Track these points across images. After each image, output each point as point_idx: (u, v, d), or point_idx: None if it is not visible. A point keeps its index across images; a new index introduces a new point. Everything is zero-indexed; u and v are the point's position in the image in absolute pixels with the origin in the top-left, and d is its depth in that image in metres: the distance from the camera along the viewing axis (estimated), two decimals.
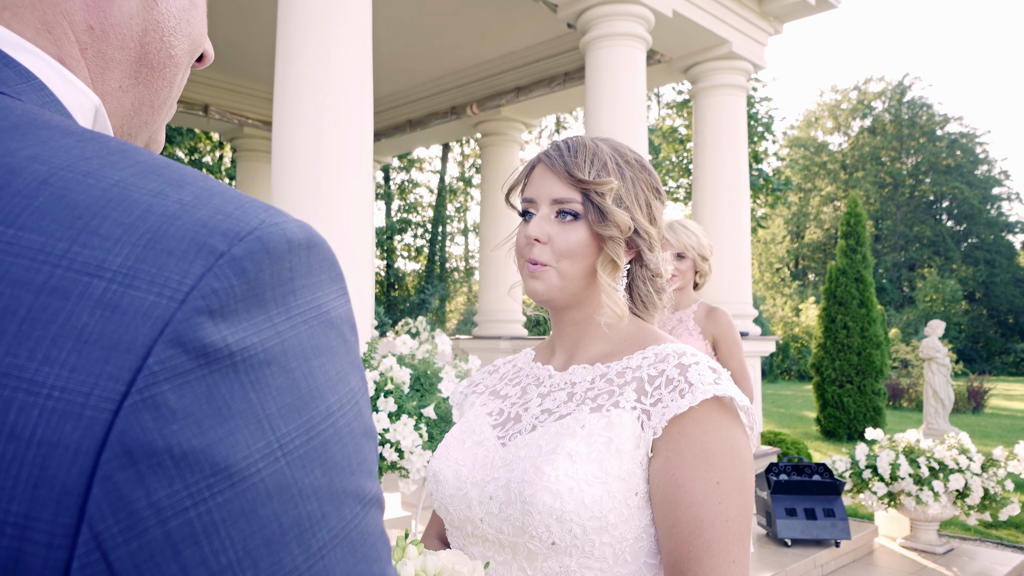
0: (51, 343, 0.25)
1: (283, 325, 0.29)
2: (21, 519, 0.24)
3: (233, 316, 0.27)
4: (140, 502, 0.25)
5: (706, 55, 6.05)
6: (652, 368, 0.94)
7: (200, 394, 0.26)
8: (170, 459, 0.25)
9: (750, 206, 20.83)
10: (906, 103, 41.53)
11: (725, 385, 0.89)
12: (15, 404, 0.25)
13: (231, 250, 0.28)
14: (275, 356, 0.28)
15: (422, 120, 8.17)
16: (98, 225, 0.27)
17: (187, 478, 0.26)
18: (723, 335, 2.77)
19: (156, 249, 0.27)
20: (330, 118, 3.63)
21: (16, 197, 0.27)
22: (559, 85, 6.76)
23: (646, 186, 1.01)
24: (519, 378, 1.11)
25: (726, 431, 0.89)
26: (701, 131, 6.30)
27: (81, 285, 0.26)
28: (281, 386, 0.28)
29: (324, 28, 3.65)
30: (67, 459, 0.25)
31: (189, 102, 7.61)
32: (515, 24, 6.32)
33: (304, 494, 0.28)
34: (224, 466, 0.26)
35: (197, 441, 0.26)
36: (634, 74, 5.12)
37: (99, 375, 0.25)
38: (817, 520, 4.64)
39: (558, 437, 0.92)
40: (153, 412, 0.25)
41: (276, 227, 0.29)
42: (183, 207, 0.29)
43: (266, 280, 0.29)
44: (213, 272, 0.27)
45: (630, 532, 0.89)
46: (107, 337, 0.26)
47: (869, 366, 11.46)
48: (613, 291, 0.98)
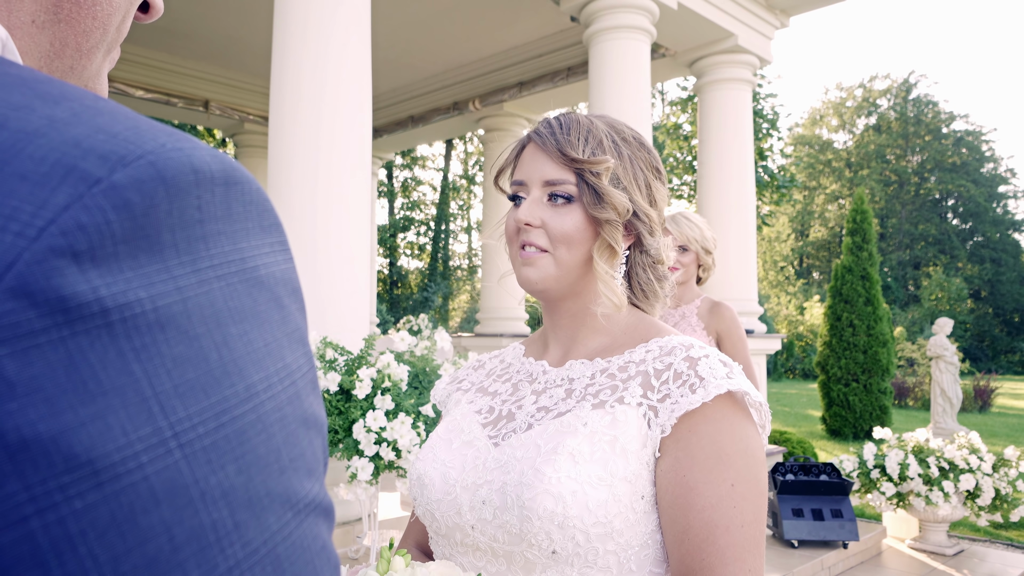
0: None
1: (187, 280, 0.22)
2: None
3: (110, 262, 0.21)
4: None
5: (711, 48, 5.97)
6: (658, 362, 0.87)
7: (55, 362, 0.20)
8: (3, 449, 0.19)
9: (755, 203, 20.79)
10: (911, 101, 41.33)
11: (738, 379, 0.83)
12: None
13: (111, 176, 0.22)
14: (172, 317, 0.22)
15: (424, 116, 8.10)
16: None
17: (29, 476, 0.19)
18: (727, 331, 2.69)
19: (3, 172, 0.21)
20: (328, 113, 3.57)
21: None
22: (562, 80, 6.68)
23: (645, 165, 0.94)
24: (509, 374, 1.03)
25: (739, 429, 0.82)
26: (706, 126, 6.21)
27: None
28: (180, 356, 0.22)
29: (322, 23, 3.58)
30: None
31: (189, 97, 7.54)
32: (517, 18, 6.25)
33: (209, 498, 0.22)
34: (86, 460, 0.20)
35: (45, 425, 0.19)
36: (638, 67, 5.04)
37: None
38: (824, 521, 4.56)
39: (558, 436, 0.85)
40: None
41: (179, 151, 0.23)
42: (51, 123, 0.22)
43: (162, 219, 0.22)
44: (83, 203, 0.21)
45: (636, 539, 0.82)
46: None
47: (875, 364, 11.36)
48: (611, 279, 0.91)
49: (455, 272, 27.92)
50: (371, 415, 2.99)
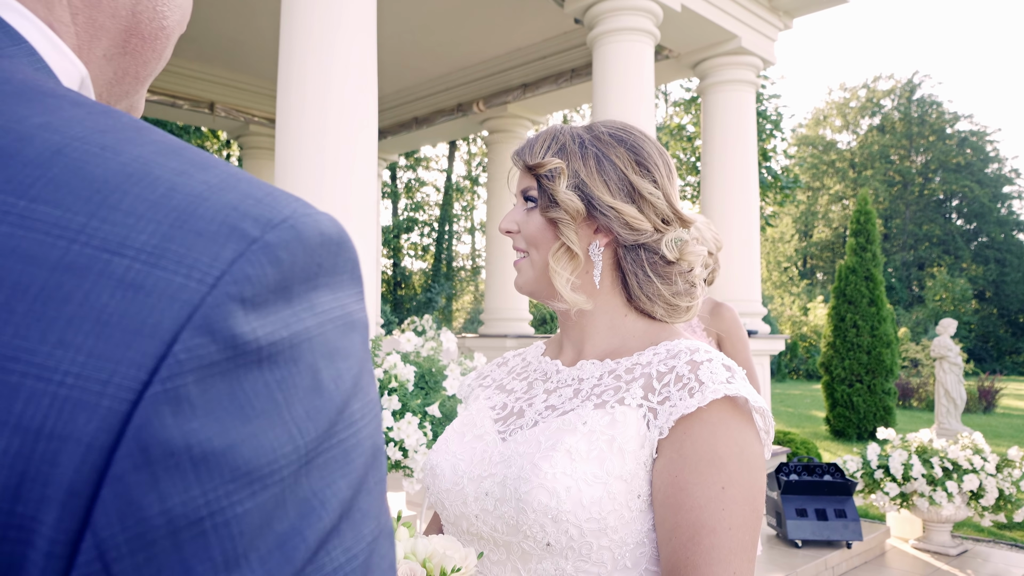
0: (66, 324, 0.23)
1: (311, 322, 0.27)
2: (27, 522, 0.22)
3: (264, 307, 0.25)
4: (152, 508, 0.22)
5: (715, 50, 5.98)
6: (662, 364, 0.89)
7: (224, 390, 0.24)
8: (188, 460, 0.23)
9: (759, 203, 20.76)
10: (915, 101, 41.23)
11: (738, 385, 0.84)
12: (23, 392, 0.22)
13: (264, 236, 0.26)
14: (302, 354, 0.26)
15: (428, 117, 8.12)
16: (119, 200, 0.25)
17: (205, 483, 0.23)
18: (728, 331, 2.69)
19: (184, 229, 0.25)
20: (334, 115, 3.59)
21: (28, 167, 0.24)
22: (566, 81, 6.70)
23: (621, 161, 0.93)
24: (527, 372, 1.06)
25: (736, 433, 0.83)
26: (710, 127, 6.23)
27: (101, 263, 0.23)
28: (308, 387, 0.26)
29: (328, 25, 3.61)
30: (79, 455, 0.22)
31: (195, 99, 7.58)
32: (522, 20, 6.27)
33: (327, 507, 0.26)
34: (246, 471, 0.24)
35: (219, 441, 0.23)
36: (642, 69, 5.06)
37: (119, 361, 0.23)
38: (828, 521, 4.58)
39: (558, 433, 0.87)
40: (175, 406, 0.23)
41: (309, 218, 0.27)
42: (210, 188, 0.26)
43: (297, 273, 0.26)
44: (246, 257, 0.25)
45: (631, 536, 0.84)
46: (129, 319, 0.23)
47: (879, 365, 11.35)
48: (563, 280, 0.93)
49: (459, 273, 27.94)
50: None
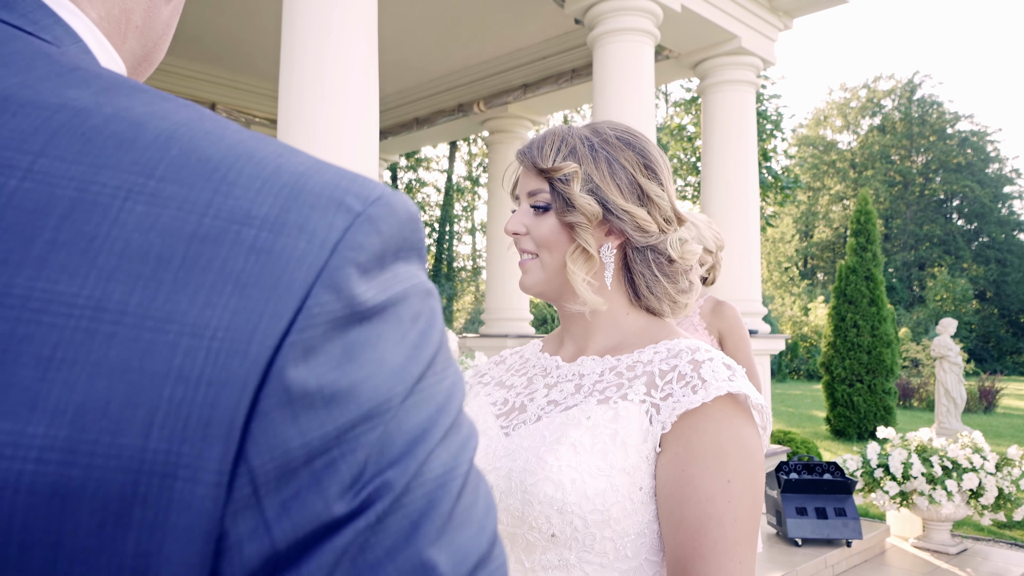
0: (210, 288, 0.25)
1: (399, 288, 0.30)
2: (194, 460, 0.24)
3: (369, 272, 0.29)
4: (293, 440, 0.25)
5: (715, 50, 6.00)
6: (664, 363, 0.91)
7: (344, 341, 0.27)
8: (320, 399, 0.26)
9: (759, 204, 20.73)
10: (916, 101, 41.23)
11: (740, 382, 0.87)
12: (180, 348, 0.25)
13: (367, 210, 0.29)
14: (398, 314, 0.30)
15: (429, 118, 8.14)
16: (236, 177, 0.28)
17: (336, 418, 0.26)
18: (729, 330, 2.71)
19: (298, 201, 0.28)
20: (336, 116, 3.61)
21: (149, 150, 0.27)
22: (567, 82, 6.72)
23: (630, 164, 0.96)
24: (526, 368, 1.08)
25: (739, 429, 0.86)
26: (710, 127, 6.25)
27: (231, 233, 0.26)
28: (404, 340, 0.29)
29: (329, 26, 3.62)
30: (235, 396, 0.25)
31: (196, 100, 7.60)
32: (522, 20, 6.29)
33: (428, 436, 0.29)
34: (363, 408, 0.27)
35: (343, 383, 0.27)
36: (642, 69, 5.08)
37: (261, 315, 0.26)
38: (828, 519, 4.59)
39: (563, 428, 0.89)
40: (308, 353, 0.26)
41: (397, 197, 0.31)
42: (309, 168, 0.29)
43: (391, 243, 0.30)
44: (356, 227, 0.28)
45: (632, 527, 0.86)
46: (265, 280, 0.26)
47: (879, 365, 11.36)
48: (583, 283, 0.95)
49: (459, 273, 27.95)
50: None
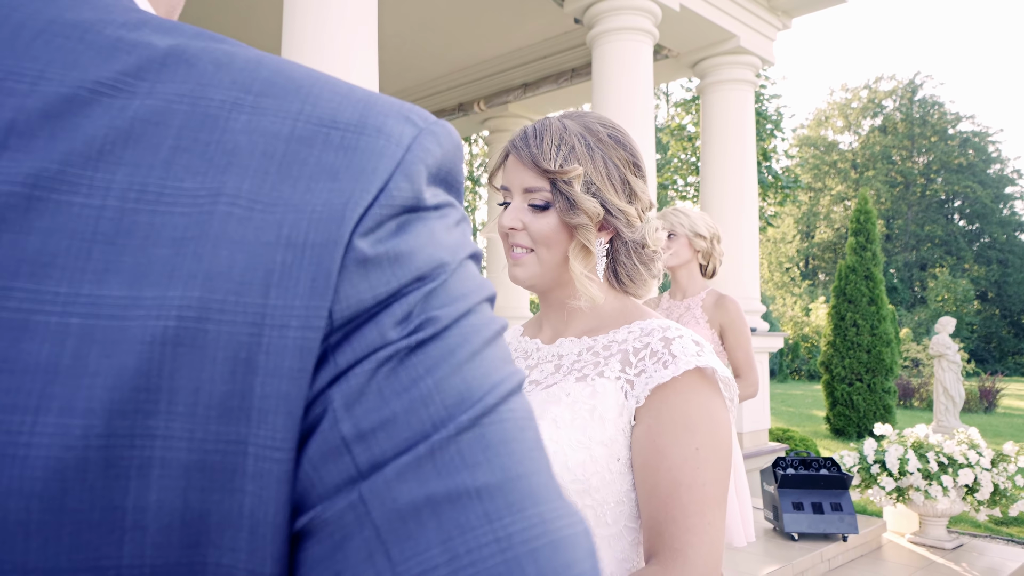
0: (309, 178, 0.30)
1: (447, 199, 0.35)
2: (302, 313, 0.29)
3: (432, 176, 0.33)
4: (366, 293, 0.30)
5: (714, 50, 6.04)
6: (637, 341, 0.96)
7: (408, 221, 0.32)
8: (387, 260, 0.31)
9: (759, 203, 20.71)
10: (917, 102, 41.22)
11: (707, 357, 0.92)
12: (287, 222, 0.29)
13: (428, 127, 0.34)
14: (445, 216, 0.34)
15: None
16: (320, 92, 0.32)
17: (399, 276, 0.31)
18: (731, 323, 2.75)
19: (374, 111, 0.33)
20: None
21: (244, 72, 0.32)
22: (567, 81, 6.76)
23: (622, 163, 1.00)
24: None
25: (707, 401, 0.91)
26: (708, 126, 6.28)
27: (322, 134, 0.31)
28: (446, 230, 0.34)
29: (329, 26, 3.67)
30: (331, 255, 0.29)
31: None
32: (522, 20, 6.33)
33: (469, 296, 0.33)
34: (420, 270, 0.31)
35: (404, 248, 0.31)
36: (641, 69, 5.12)
37: (352, 191, 0.30)
38: (824, 514, 4.63)
39: (544, 405, 0.95)
40: (380, 226, 0.31)
41: (449, 125, 0.36)
42: (373, 94, 0.34)
43: (447, 162, 0.35)
44: (423, 135, 0.33)
45: (611, 496, 0.92)
46: (354, 169, 0.31)
47: (879, 364, 11.39)
48: (585, 279, 0.99)
49: None
50: None
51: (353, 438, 0.29)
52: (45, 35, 0.30)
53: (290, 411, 0.28)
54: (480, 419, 0.30)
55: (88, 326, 0.26)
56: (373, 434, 0.29)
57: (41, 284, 0.26)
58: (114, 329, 0.26)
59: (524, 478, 0.30)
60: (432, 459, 0.29)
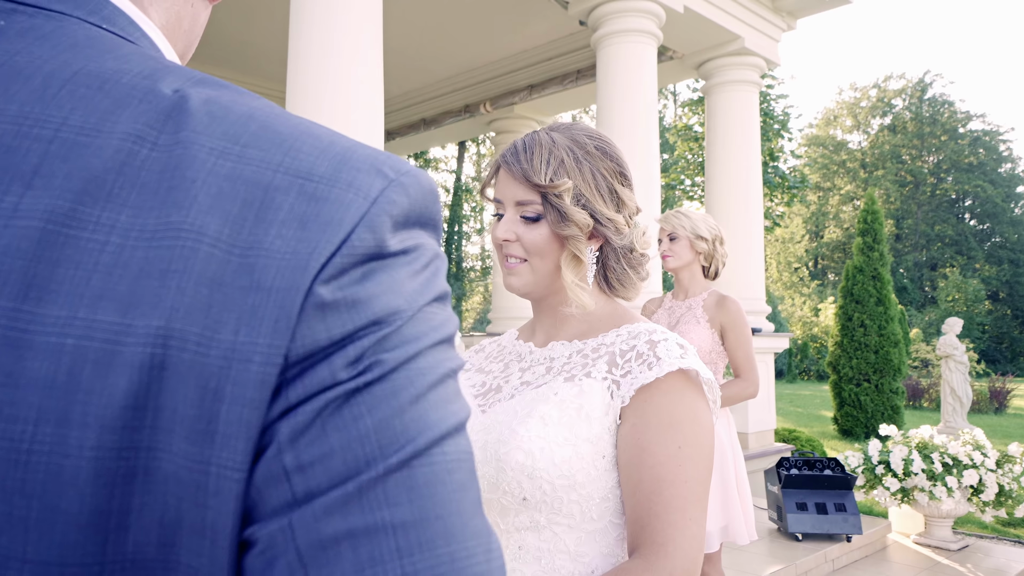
0: (281, 224, 0.33)
1: (416, 242, 0.38)
2: (264, 349, 0.32)
3: (399, 226, 0.36)
4: (321, 334, 0.32)
5: (718, 51, 6.05)
6: (624, 343, 1.00)
7: (369, 268, 0.35)
8: (344, 305, 0.33)
9: (765, 204, 20.63)
10: (927, 100, 40.98)
11: (690, 360, 0.96)
12: (259, 267, 0.32)
13: (399, 178, 0.37)
14: (412, 260, 0.37)
15: (436, 119, 8.23)
16: (301, 145, 0.35)
17: (356, 319, 0.34)
18: (731, 323, 2.76)
19: (348, 165, 0.36)
20: (341, 116, 3.68)
21: (236, 124, 0.35)
22: (572, 82, 6.79)
23: (609, 173, 1.04)
24: (502, 355, 1.17)
25: (690, 401, 0.95)
26: (713, 127, 6.30)
27: (297, 185, 0.34)
28: (413, 278, 0.37)
29: (335, 28, 3.70)
30: (292, 299, 0.32)
31: None
32: (528, 22, 6.36)
33: (422, 339, 0.36)
34: (377, 316, 0.34)
35: (363, 295, 0.34)
36: (645, 70, 5.14)
37: (318, 241, 0.33)
38: (828, 515, 4.63)
39: (533, 403, 0.98)
40: (342, 272, 0.33)
41: (422, 173, 0.39)
42: (355, 145, 0.38)
43: (415, 207, 0.37)
44: (391, 188, 0.36)
45: (597, 492, 0.95)
46: (322, 218, 0.33)
47: (887, 364, 11.35)
48: (576, 287, 1.03)
49: (468, 273, 28.04)
50: None
51: (293, 468, 0.32)
52: (70, 85, 0.34)
53: (249, 436, 0.31)
54: (410, 460, 0.33)
55: (82, 347, 0.30)
56: (311, 466, 0.32)
57: (43, 307, 0.30)
58: (107, 352, 0.30)
59: (441, 519, 0.33)
60: (359, 497, 0.32)
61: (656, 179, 5.35)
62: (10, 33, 0.36)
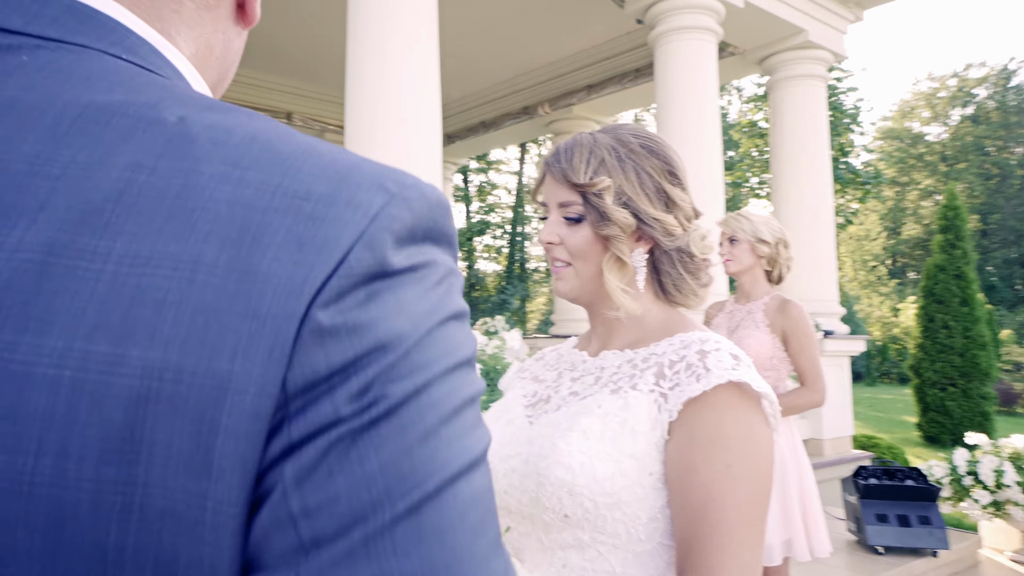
0: (278, 247, 0.32)
1: (426, 258, 0.37)
2: (259, 380, 0.31)
3: (404, 242, 0.35)
4: (321, 362, 0.32)
5: (781, 45, 5.85)
6: (674, 354, 0.96)
7: (372, 289, 0.33)
8: (345, 331, 0.32)
9: (836, 201, 19.89)
10: (1012, 89, 38.69)
11: (743, 371, 0.90)
12: (255, 293, 0.31)
13: (401, 192, 0.35)
14: (420, 278, 0.36)
15: (495, 121, 8.25)
16: (301, 166, 0.35)
17: (356, 346, 0.32)
18: (793, 329, 2.65)
19: (348, 183, 0.35)
20: (395, 121, 3.72)
21: (236, 149, 0.35)
22: (630, 81, 6.69)
23: (656, 172, 1.00)
24: (558, 364, 1.14)
25: (742, 416, 0.89)
26: (778, 124, 6.09)
27: (295, 206, 0.33)
28: (421, 299, 0.35)
29: (390, 41, 3.74)
30: (290, 327, 0.31)
31: (274, 110, 7.95)
32: (585, 22, 6.30)
33: (432, 367, 0.34)
34: (379, 342, 0.33)
35: (364, 320, 0.33)
36: (705, 68, 5.00)
37: (313, 265, 0.32)
38: (911, 528, 4.38)
39: (576, 416, 0.95)
40: (342, 295, 0.32)
41: (428, 185, 0.38)
42: (358, 161, 0.37)
43: (421, 221, 0.36)
44: (392, 204, 0.35)
45: (643, 511, 0.90)
46: (319, 240, 0.33)
47: (974, 368, 10.73)
48: (620, 292, 1.00)
49: (532, 275, 28.05)
50: None
51: (300, 513, 0.31)
52: (80, 121, 0.35)
53: (245, 471, 0.31)
54: (419, 506, 0.32)
55: (79, 379, 0.30)
56: (318, 511, 0.31)
57: (42, 339, 0.30)
58: (102, 384, 0.30)
59: (450, 567, 0.32)
60: (365, 547, 0.31)
61: (719, 180, 5.19)
62: (30, 69, 0.37)
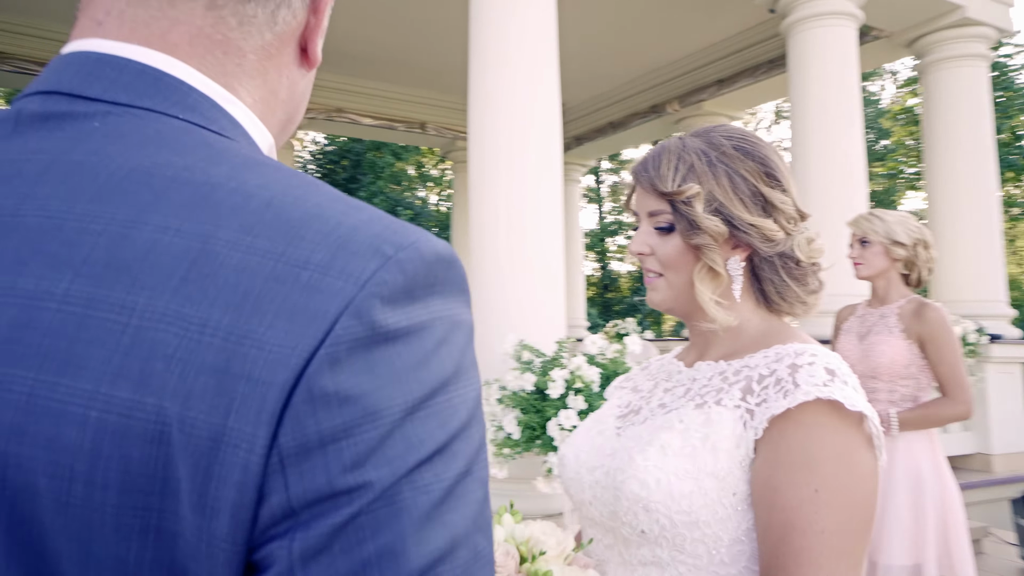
0: (274, 315, 0.35)
1: (426, 316, 0.38)
2: (250, 436, 0.34)
3: (394, 303, 0.37)
4: (311, 428, 0.34)
5: (934, 24, 5.37)
6: (765, 368, 0.90)
7: (364, 357, 0.36)
8: (336, 400, 0.35)
9: (1010, 190, 17.89)
10: None
11: (836, 388, 0.82)
12: (250, 357, 0.35)
13: (397, 255, 0.38)
14: (419, 339, 0.38)
15: (623, 121, 8.18)
16: (305, 232, 0.37)
17: (345, 415, 0.35)
18: (931, 335, 2.44)
19: (345, 250, 0.37)
20: (519, 128, 3.78)
21: (252, 215, 0.38)
22: (763, 74, 6.41)
23: (751, 174, 0.94)
24: (657, 374, 1.11)
25: (834, 436, 0.82)
26: (933, 109, 5.60)
27: (293, 274, 0.36)
28: (419, 362, 0.37)
29: (511, 49, 3.81)
30: (279, 394, 0.34)
31: (409, 121, 8.35)
32: (712, 15, 6.11)
33: (424, 445, 0.37)
34: (371, 411, 0.35)
35: (356, 390, 0.35)
36: (844, 55, 4.70)
37: (303, 335, 0.35)
38: None
39: (657, 430, 0.92)
40: (331, 365, 0.35)
41: (428, 242, 0.40)
42: (362, 223, 0.39)
43: (419, 280, 0.38)
44: (384, 268, 0.37)
45: (725, 533, 0.86)
46: (310, 309, 0.35)
47: None
48: (712, 303, 0.95)
49: None
50: (564, 414, 3.19)
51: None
52: (124, 183, 0.39)
53: (233, 514, 0.34)
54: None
55: (103, 419, 0.35)
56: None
57: (76, 381, 0.35)
58: (122, 425, 0.35)
59: None
60: None
61: (860, 177, 4.85)
62: (98, 135, 0.41)
